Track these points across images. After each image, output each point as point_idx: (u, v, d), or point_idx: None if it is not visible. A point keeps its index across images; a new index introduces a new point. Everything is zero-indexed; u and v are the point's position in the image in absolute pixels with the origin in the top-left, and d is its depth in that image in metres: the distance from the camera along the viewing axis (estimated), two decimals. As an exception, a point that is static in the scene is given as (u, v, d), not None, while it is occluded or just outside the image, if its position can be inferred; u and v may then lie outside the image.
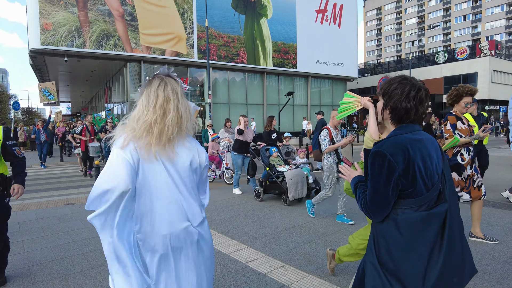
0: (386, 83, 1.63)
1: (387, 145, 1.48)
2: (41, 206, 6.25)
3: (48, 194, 7.77)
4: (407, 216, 1.46)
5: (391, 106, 1.56)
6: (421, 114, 1.56)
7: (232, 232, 4.60)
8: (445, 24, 70.10)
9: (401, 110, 1.53)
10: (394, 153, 1.44)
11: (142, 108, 1.59)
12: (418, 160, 1.45)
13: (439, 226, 1.45)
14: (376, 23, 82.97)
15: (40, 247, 4.15)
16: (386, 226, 1.51)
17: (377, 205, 1.50)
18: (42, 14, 16.96)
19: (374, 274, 1.52)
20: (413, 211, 1.46)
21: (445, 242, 1.43)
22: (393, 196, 1.47)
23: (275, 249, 3.95)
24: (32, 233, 4.69)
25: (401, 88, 1.53)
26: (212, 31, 21.50)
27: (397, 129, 1.56)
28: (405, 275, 1.43)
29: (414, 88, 1.53)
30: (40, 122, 12.57)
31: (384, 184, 1.46)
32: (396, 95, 1.54)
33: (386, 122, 1.64)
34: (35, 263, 3.65)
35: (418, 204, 1.46)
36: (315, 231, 4.58)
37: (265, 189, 6.43)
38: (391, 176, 1.44)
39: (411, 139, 1.49)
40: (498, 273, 3.26)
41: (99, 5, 18.44)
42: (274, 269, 3.40)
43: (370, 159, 1.52)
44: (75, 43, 17.78)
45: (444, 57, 37.34)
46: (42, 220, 5.32)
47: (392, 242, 1.48)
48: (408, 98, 1.51)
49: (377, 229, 1.56)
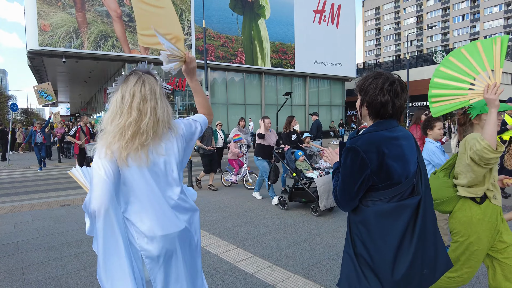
0: (361, 79, 1.63)
1: (361, 141, 1.50)
2: (37, 207, 6.33)
3: (44, 195, 7.86)
4: (377, 207, 1.49)
5: (367, 101, 1.57)
6: (398, 107, 1.55)
7: (223, 233, 4.68)
8: (443, 23, 70.19)
9: (377, 105, 1.53)
10: (368, 150, 1.46)
11: (116, 109, 1.49)
12: (391, 158, 1.47)
13: (409, 216, 1.46)
14: (375, 22, 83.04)
15: (34, 248, 4.23)
16: (359, 216, 1.55)
17: (344, 198, 1.55)
18: (40, 15, 17.03)
19: (349, 263, 1.57)
20: (383, 202, 1.49)
21: (416, 232, 1.45)
22: (361, 191, 1.51)
23: (264, 249, 4.04)
24: (27, 234, 4.78)
25: (375, 83, 1.54)
26: (210, 31, 21.57)
27: (374, 125, 1.56)
28: (376, 265, 1.46)
29: (387, 81, 1.53)
30: (38, 123, 12.44)
31: (354, 179, 1.49)
32: (371, 89, 1.54)
33: (365, 118, 1.64)
34: (29, 264, 3.74)
35: (389, 196, 1.49)
36: (304, 232, 4.67)
37: (290, 197, 5.90)
38: (362, 173, 1.47)
39: (386, 136, 1.50)
40: (478, 272, 3.34)
41: (97, 6, 18.50)
42: (261, 269, 3.49)
43: (344, 153, 1.55)
44: (73, 44, 17.85)
45: (442, 56, 37.39)
46: (37, 222, 5.40)
47: (365, 232, 1.51)
48: (383, 91, 1.51)
49: (351, 219, 1.60)
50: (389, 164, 1.47)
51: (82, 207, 1.49)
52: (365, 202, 1.53)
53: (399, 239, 1.45)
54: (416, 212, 1.49)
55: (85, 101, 43.27)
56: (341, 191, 1.56)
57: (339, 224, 5.00)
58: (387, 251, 1.45)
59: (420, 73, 38.16)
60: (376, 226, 1.48)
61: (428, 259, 1.50)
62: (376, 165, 1.47)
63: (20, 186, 9.04)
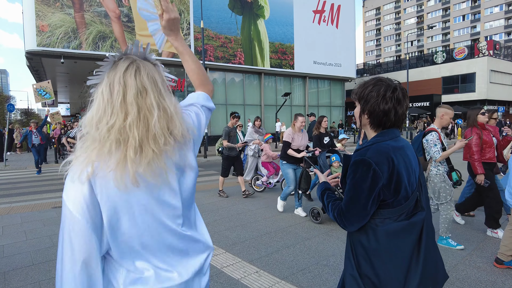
0: (360, 86, 1.55)
1: (371, 153, 1.41)
2: (28, 210, 6.27)
3: (37, 197, 7.79)
4: (387, 226, 1.42)
5: (368, 110, 1.49)
6: (401, 115, 1.48)
7: (212, 236, 4.61)
8: (444, 24, 70.04)
9: (379, 113, 1.46)
10: (379, 162, 1.38)
11: (103, 105, 1.02)
12: (401, 170, 1.41)
13: (417, 235, 1.42)
14: (375, 23, 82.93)
15: (20, 251, 4.16)
16: (365, 236, 1.46)
17: (355, 215, 1.43)
18: (38, 15, 17.00)
19: (353, 286, 1.48)
20: (392, 221, 1.42)
21: (422, 251, 1.41)
22: (373, 207, 1.42)
23: (253, 254, 3.96)
24: (14, 237, 4.71)
25: (377, 90, 1.46)
26: (209, 32, 21.51)
27: (378, 135, 1.49)
28: (384, 285, 1.40)
29: (390, 89, 1.46)
30: (33, 123, 11.56)
31: (367, 194, 1.39)
32: (372, 97, 1.47)
33: (365, 127, 1.56)
34: (12, 269, 3.67)
35: (398, 214, 1.42)
36: (295, 235, 4.58)
37: None
38: (374, 186, 1.38)
39: (393, 146, 1.44)
40: (471, 279, 3.26)
41: (96, 6, 18.47)
42: (248, 274, 3.41)
43: (353, 167, 1.44)
44: (72, 44, 17.82)
45: (442, 57, 37.30)
46: (26, 224, 5.33)
47: (371, 252, 1.43)
48: (385, 99, 1.45)
49: (354, 239, 1.51)
50: (399, 176, 1.40)
51: None
52: (373, 220, 1.44)
53: (409, 258, 1.40)
54: (421, 229, 1.44)
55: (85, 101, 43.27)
56: (351, 209, 1.44)
57: (331, 227, 4.92)
58: (397, 271, 1.39)
59: (421, 74, 38.10)
60: (385, 246, 1.41)
61: (430, 274, 1.46)
62: (386, 177, 1.39)
63: (14, 188, 8.97)
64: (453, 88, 36.05)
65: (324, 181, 1.74)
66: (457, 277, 3.31)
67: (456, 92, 35.86)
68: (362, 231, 1.47)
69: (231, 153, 7.02)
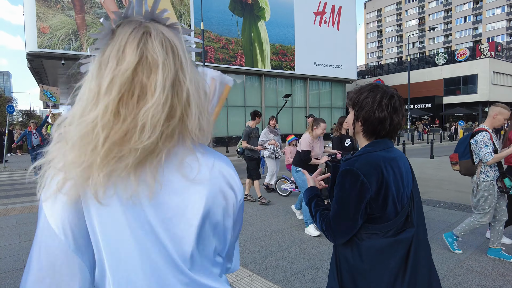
0: (355, 92, 1.50)
1: (360, 163, 1.36)
2: (24, 211, 6.23)
3: (34, 198, 7.69)
4: (372, 242, 1.36)
5: (363, 117, 1.43)
6: (396, 124, 1.42)
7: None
8: (445, 25, 69.96)
9: (374, 121, 1.40)
10: (368, 173, 1.33)
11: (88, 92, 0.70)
12: (390, 182, 1.35)
13: (404, 253, 1.35)
14: (377, 24, 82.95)
15: (12, 254, 4.12)
16: (349, 251, 1.41)
17: (342, 228, 1.38)
18: (39, 17, 17.05)
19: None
20: (379, 237, 1.36)
21: (408, 271, 1.33)
22: (361, 220, 1.36)
23: (247, 257, 3.91)
24: (7, 239, 4.67)
25: (372, 97, 1.40)
26: (210, 33, 21.52)
27: (370, 145, 1.43)
28: None
29: (386, 96, 1.40)
30: (33, 123, 10.99)
31: (354, 207, 1.34)
32: (367, 104, 1.41)
33: (357, 135, 1.51)
34: (2, 272, 3.62)
35: (385, 230, 1.36)
36: (290, 238, 4.53)
37: None
38: (362, 198, 1.33)
39: (385, 157, 1.38)
40: (468, 283, 3.20)
41: (96, 8, 18.52)
42: (241, 278, 3.36)
43: (340, 177, 1.39)
44: (72, 46, 17.87)
45: (444, 58, 37.24)
46: (21, 226, 5.30)
47: (355, 268, 1.38)
48: (381, 106, 1.38)
49: (340, 252, 1.46)
50: (388, 189, 1.34)
51: None
52: (359, 235, 1.39)
53: (394, 276, 1.33)
54: (409, 247, 1.36)
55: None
56: (337, 222, 1.39)
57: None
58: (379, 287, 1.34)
59: (422, 75, 38.03)
60: (369, 262, 1.35)
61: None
62: (375, 190, 1.33)
63: (11, 189, 8.96)
64: (455, 90, 35.96)
65: (312, 186, 1.67)
66: (453, 281, 3.24)
67: (458, 93, 35.77)
68: (347, 246, 1.42)
69: (254, 154, 6.68)
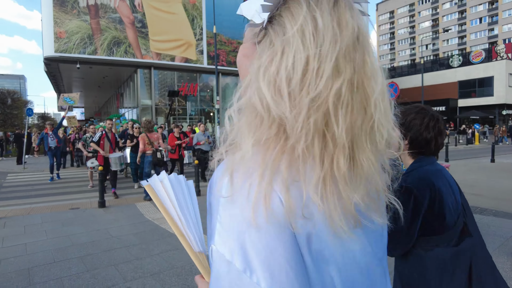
0: (402, 113, 1.55)
1: (411, 179, 1.42)
2: (47, 210, 6.42)
3: (55, 198, 7.97)
4: (436, 254, 1.36)
5: (410, 137, 1.51)
6: (440, 145, 1.52)
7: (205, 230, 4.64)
8: (460, 27, 69.04)
9: (421, 141, 1.49)
10: (420, 188, 1.38)
11: (303, 57, 0.50)
12: (443, 193, 1.39)
13: (467, 264, 1.34)
14: (389, 26, 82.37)
15: (41, 249, 4.28)
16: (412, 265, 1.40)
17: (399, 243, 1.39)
18: (56, 22, 17.52)
19: None
20: (441, 248, 1.37)
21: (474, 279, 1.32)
22: (416, 233, 1.38)
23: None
24: (35, 236, 4.84)
25: (420, 119, 1.50)
26: (221, 37, 21.75)
27: (417, 161, 1.51)
28: None
29: (433, 119, 1.50)
30: (49, 125, 10.87)
31: (411, 222, 1.36)
32: (415, 125, 1.50)
33: (403, 155, 1.57)
34: (35, 265, 3.78)
35: (446, 240, 1.37)
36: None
37: None
38: (418, 213, 1.36)
39: (432, 170, 1.45)
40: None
41: (110, 13, 18.92)
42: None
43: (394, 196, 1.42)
44: (87, 50, 18.29)
45: (458, 60, 36.77)
46: (46, 224, 5.48)
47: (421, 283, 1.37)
48: (428, 128, 1.49)
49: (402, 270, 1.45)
50: (442, 199, 1.39)
51: None
52: (421, 248, 1.40)
53: None
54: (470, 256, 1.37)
55: (99, 106, 44.18)
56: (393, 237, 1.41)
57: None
58: None
59: (436, 78, 37.60)
60: (435, 275, 1.36)
61: None
62: (428, 203, 1.37)
63: (33, 190, 9.22)
64: (470, 92, 35.42)
65: None
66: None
67: (473, 96, 35.22)
68: (409, 259, 1.43)
69: None
